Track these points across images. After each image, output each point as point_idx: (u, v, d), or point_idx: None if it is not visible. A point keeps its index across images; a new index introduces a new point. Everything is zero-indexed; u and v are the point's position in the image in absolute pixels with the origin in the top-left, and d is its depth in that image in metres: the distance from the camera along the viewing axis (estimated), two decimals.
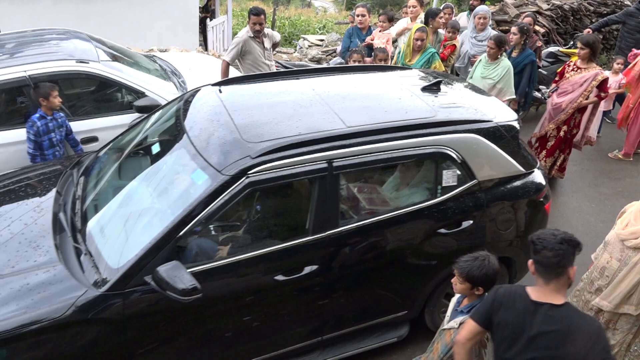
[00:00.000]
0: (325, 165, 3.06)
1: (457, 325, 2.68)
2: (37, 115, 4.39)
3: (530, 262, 2.40)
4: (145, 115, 4.14)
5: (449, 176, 3.42)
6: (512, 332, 2.34)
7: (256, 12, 5.70)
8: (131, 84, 4.88)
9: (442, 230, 3.46)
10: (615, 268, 3.15)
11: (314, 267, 3.13)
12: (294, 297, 3.18)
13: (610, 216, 5.25)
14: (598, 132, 7.30)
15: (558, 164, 5.89)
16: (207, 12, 12.47)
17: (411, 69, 4.81)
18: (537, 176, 3.81)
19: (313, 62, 9.88)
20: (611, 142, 7.30)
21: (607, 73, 7.12)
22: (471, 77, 5.87)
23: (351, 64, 5.53)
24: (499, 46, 5.50)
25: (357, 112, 3.41)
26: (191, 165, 3.06)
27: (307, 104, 3.47)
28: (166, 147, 3.44)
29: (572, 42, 8.49)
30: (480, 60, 5.79)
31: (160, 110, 3.89)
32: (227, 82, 3.89)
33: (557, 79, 5.84)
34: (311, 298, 3.24)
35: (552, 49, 8.19)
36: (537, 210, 3.83)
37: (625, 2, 10.43)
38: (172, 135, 3.46)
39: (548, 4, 9.64)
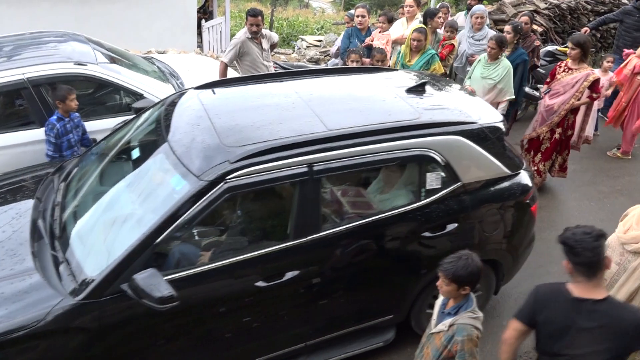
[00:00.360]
0: (306, 169, 3.02)
1: (447, 328, 2.66)
2: (54, 117, 4.39)
3: (566, 262, 2.44)
4: (128, 118, 4.10)
5: (433, 179, 3.37)
6: (557, 329, 2.42)
7: (253, 14, 5.71)
8: (129, 85, 4.88)
9: (427, 234, 3.42)
10: (614, 272, 3.13)
11: (296, 272, 3.09)
12: (275, 303, 3.14)
13: (610, 214, 5.27)
14: (596, 130, 7.31)
15: (557, 165, 5.84)
16: (204, 13, 12.45)
17: (397, 70, 4.80)
18: (523, 178, 3.76)
19: (311, 62, 9.88)
20: (609, 141, 7.28)
21: (597, 71, 7.13)
22: (469, 77, 5.86)
23: (349, 64, 5.52)
24: (500, 46, 5.48)
25: (339, 114, 3.38)
26: (170, 170, 3.02)
27: (290, 107, 3.43)
28: (147, 152, 3.39)
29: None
30: (480, 60, 5.76)
31: (143, 115, 3.85)
32: (210, 85, 3.86)
33: (548, 80, 5.77)
34: (293, 304, 3.21)
35: (550, 47, 8.19)
36: (523, 212, 3.79)
37: (623, 1, 10.41)
38: (153, 140, 3.42)
39: (545, 3, 9.63)
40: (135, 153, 3.52)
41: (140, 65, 5.56)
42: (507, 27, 6.02)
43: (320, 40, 11.68)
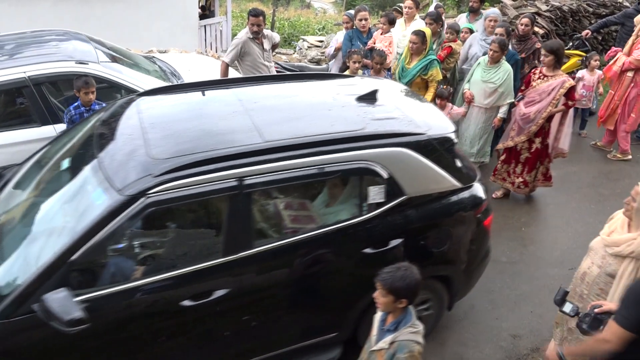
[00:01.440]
0: (235, 183, 2.87)
1: (388, 346, 2.57)
2: (74, 104, 4.46)
3: None
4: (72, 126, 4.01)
5: (375, 193, 3.22)
6: None
7: (255, 14, 5.71)
8: (131, 85, 4.89)
9: (369, 250, 3.27)
10: (595, 274, 3.03)
11: (226, 290, 2.94)
12: (204, 322, 2.99)
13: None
14: (583, 128, 7.32)
15: (541, 174, 5.69)
16: (204, 10, 12.39)
17: (372, 76, 4.70)
18: (476, 190, 3.64)
19: (312, 63, 9.90)
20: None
21: (584, 71, 7.08)
22: (469, 81, 5.83)
23: (351, 64, 5.52)
24: (503, 49, 5.47)
25: (279, 125, 3.24)
26: (94, 184, 2.88)
27: (229, 117, 3.30)
28: (77, 164, 3.24)
29: (571, 44, 8.51)
30: (479, 63, 5.72)
31: (82, 124, 3.72)
32: (154, 91, 3.72)
33: (523, 87, 5.60)
34: (224, 324, 3.05)
35: None
36: (474, 227, 3.65)
37: (624, 4, 10.43)
38: (84, 151, 3.27)
39: (547, 5, 9.63)
40: (68, 164, 3.38)
41: (142, 65, 5.57)
42: (499, 30, 5.95)
43: (321, 41, 11.69)
